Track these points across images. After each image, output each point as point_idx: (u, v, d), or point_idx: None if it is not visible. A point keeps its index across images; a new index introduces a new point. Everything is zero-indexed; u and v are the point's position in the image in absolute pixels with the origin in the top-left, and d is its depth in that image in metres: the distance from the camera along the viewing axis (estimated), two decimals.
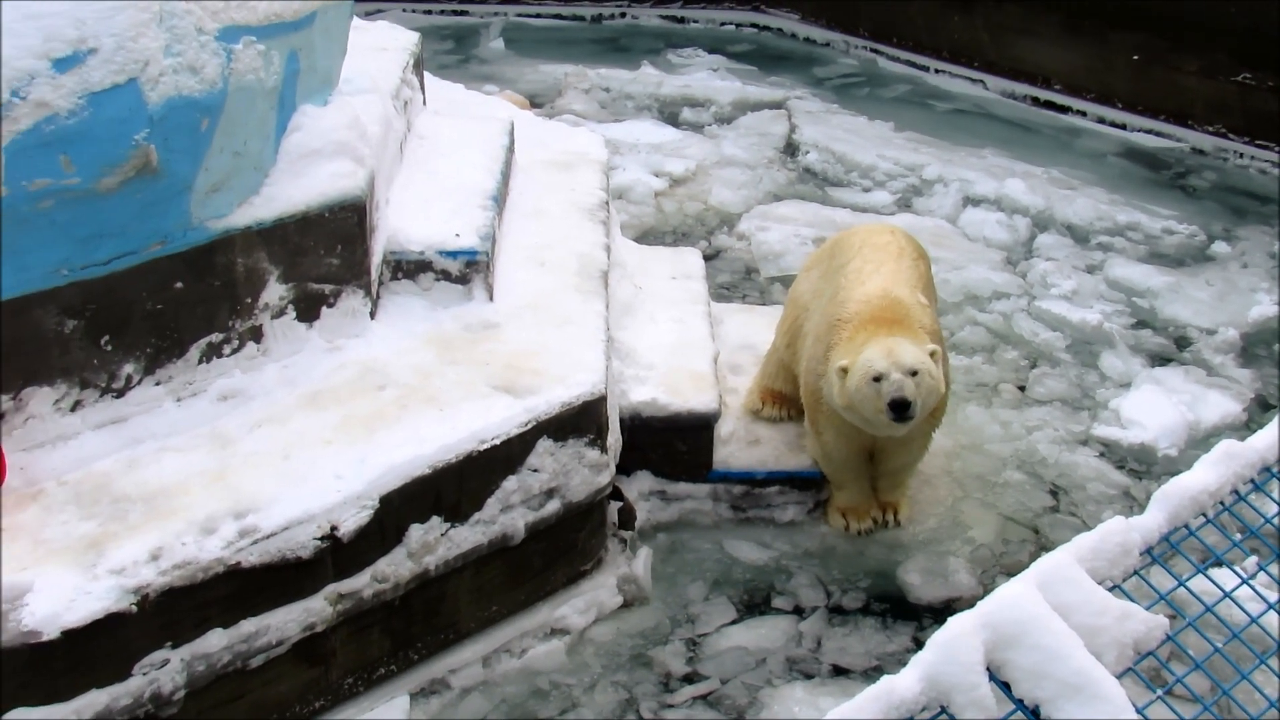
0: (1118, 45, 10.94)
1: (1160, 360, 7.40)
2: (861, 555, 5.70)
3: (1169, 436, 6.50)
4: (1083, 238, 8.92)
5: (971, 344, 7.45)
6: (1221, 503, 3.21)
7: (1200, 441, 6.53)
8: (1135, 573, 2.96)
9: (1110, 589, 2.86)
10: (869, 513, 5.78)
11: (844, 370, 5.15)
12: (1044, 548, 5.56)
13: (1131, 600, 2.85)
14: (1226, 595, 3.23)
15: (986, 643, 2.60)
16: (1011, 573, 4.58)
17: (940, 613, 5.32)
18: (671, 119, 11.13)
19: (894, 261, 5.55)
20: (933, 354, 5.12)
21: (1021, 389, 7.03)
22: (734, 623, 5.31)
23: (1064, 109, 11.40)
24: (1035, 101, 11.58)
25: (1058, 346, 7.45)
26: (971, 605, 2.67)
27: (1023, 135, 10.95)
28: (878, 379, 5.03)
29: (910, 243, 5.80)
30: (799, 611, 5.38)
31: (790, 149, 10.48)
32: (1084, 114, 11.27)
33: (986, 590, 4.83)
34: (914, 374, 5.02)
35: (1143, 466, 6.38)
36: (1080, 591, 2.75)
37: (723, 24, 13.83)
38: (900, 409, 5.00)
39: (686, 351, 6.09)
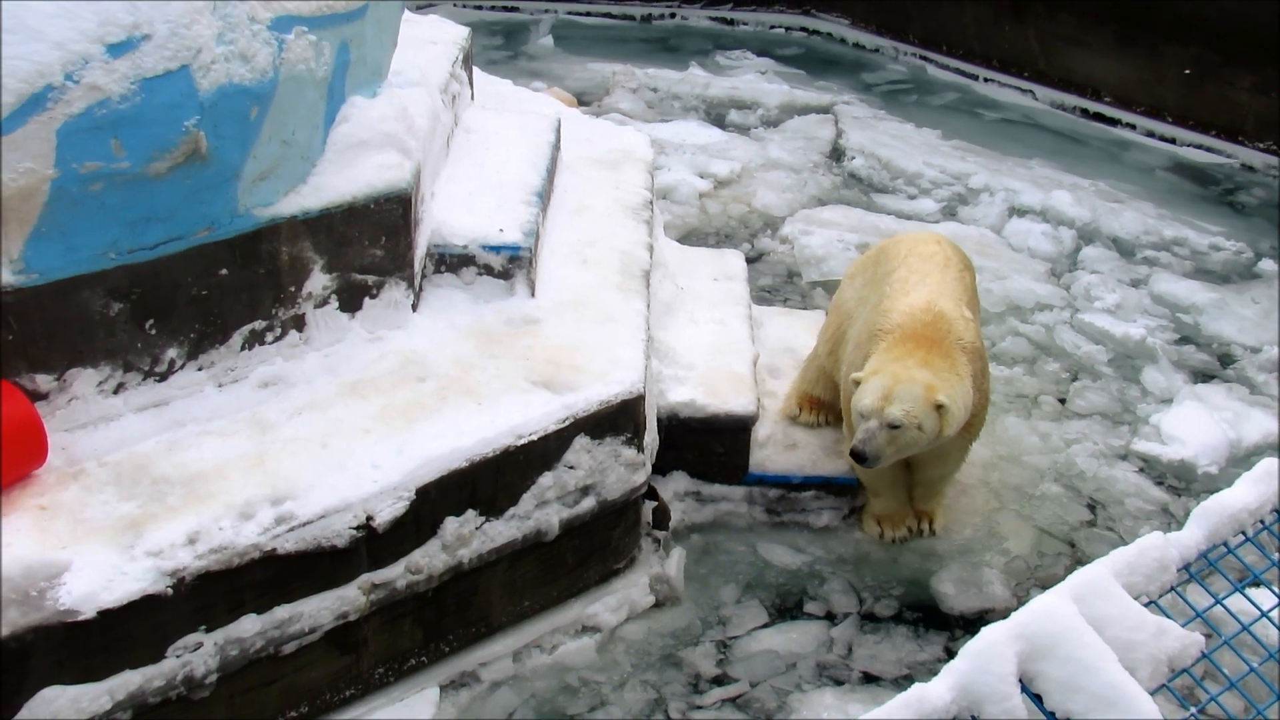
0: (1170, 58, 10.85)
1: (1203, 377, 7.35)
2: (895, 563, 5.68)
3: (1210, 454, 6.45)
4: (1128, 251, 8.86)
5: (1013, 355, 7.41)
6: (1261, 521, 3.19)
7: (1241, 460, 6.48)
8: (1172, 589, 2.95)
9: (1146, 604, 2.84)
10: (904, 521, 5.76)
11: (856, 382, 5.13)
12: (1080, 562, 5.54)
13: (1167, 616, 2.84)
14: (1264, 615, 3.21)
15: (1020, 654, 2.59)
16: (1046, 586, 4.55)
17: (973, 623, 5.29)
18: (718, 120, 11.12)
19: (939, 272, 5.51)
20: (939, 407, 4.97)
21: (1062, 401, 6.99)
22: (765, 626, 5.30)
23: (1114, 121, 11.32)
24: (1085, 113, 11.51)
25: (1100, 360, 7.41)
26: (1005, 617, 2.66)
27: (1071, 146, 10.89)
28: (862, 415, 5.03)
29: (956, 253, 5.76)
30: (831, 617, 5.37)
31: (836, 154, 10.46)
32: (1134, 127, 11.20)
33: (1021, 602, 4.82)
34: (895, 427, 4.96)
35: (1182, 483, 6.33)
36: (1116, 606, 2.74)
37: (772, 27, 13.82)
38: (858, 458, 5.01)
39: (726, 353, 6.08)
